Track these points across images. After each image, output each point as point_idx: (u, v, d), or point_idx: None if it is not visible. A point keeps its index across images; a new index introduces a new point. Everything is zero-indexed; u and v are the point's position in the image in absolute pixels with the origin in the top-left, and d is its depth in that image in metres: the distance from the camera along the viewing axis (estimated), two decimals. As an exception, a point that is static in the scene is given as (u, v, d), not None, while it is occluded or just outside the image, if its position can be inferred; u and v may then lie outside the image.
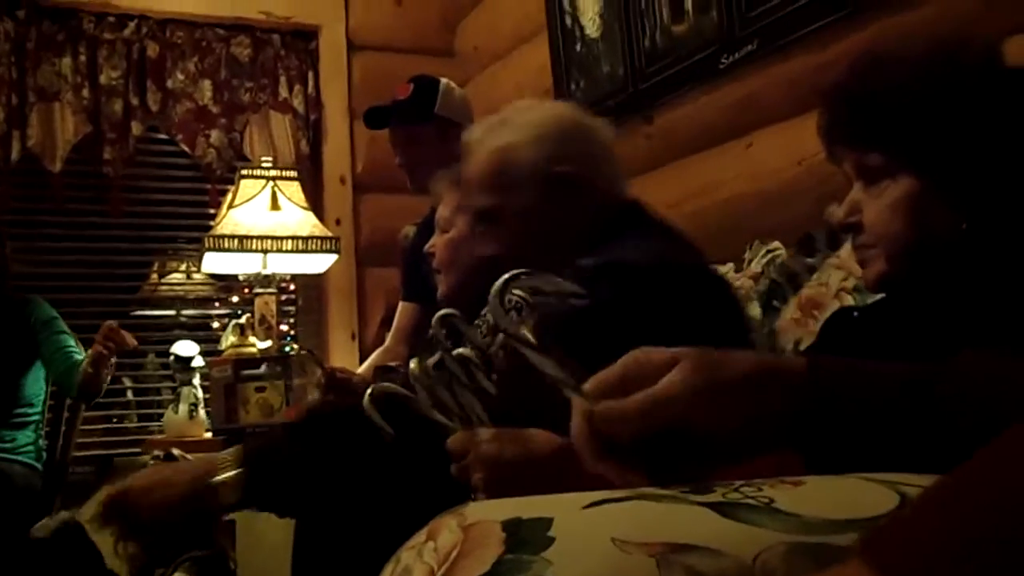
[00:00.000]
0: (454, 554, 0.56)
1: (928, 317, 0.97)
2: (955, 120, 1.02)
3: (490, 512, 0.59)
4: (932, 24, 1.93)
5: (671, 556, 0.54)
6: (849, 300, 1.63)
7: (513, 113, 1.64)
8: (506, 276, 0.79)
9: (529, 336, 0.79)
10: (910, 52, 1.08)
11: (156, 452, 2.83)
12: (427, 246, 2.13)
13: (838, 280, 1.68)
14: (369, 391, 1.04)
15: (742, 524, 0.57)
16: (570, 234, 1.55)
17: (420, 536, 0.60)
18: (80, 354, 3.00)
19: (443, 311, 1.17)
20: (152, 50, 3.65)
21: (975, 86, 1.02)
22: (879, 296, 1.15)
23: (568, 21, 3.24)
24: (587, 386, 0.71)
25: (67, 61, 3.53)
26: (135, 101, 3.61)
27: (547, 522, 0.57)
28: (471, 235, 2.00)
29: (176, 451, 2.80)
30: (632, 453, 0.69)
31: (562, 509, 0.59)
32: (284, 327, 3.51)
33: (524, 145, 1.56)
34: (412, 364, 1.15)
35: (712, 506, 0.59)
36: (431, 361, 1.08)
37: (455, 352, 1.06)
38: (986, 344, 0.74)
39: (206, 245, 3.18)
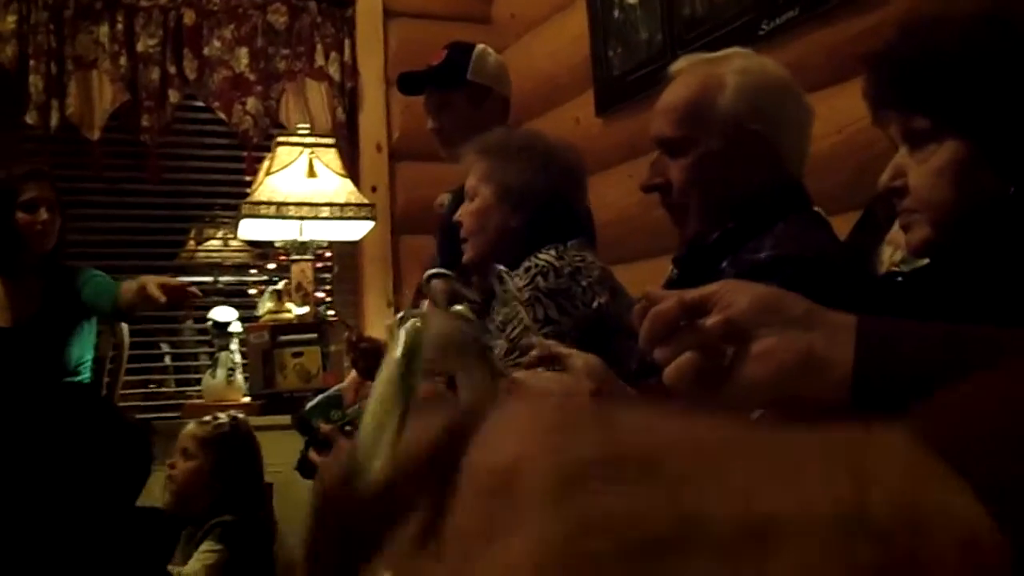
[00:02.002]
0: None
1: (972, 282, 0.96)
2: (1003, 83, 1.01)
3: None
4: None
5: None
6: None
7: (729, 56, 1.63)
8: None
9: None
10: (957, 14, 1.06)
11: (213, 415, 2.86)
12: (456, 215, 2.14)
13: (888, 255, 1.66)
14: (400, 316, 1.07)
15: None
16: (734, 192, 1.53)
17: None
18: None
19: (432, 270, 1.19)
20: (188, 18, 3.66)
21: (1016, 49, 1.01)
22: (924, 261, 1.14)
23: (606, -13, 3.21)
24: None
25: (104, 29, 3.55)
26: (172, 69, 3.63)
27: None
28: (496, 204, 2.01)
29: (223, 415, 2.83)
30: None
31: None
32: (320, 294, 3.53)
33: (728, 90, 1.54)
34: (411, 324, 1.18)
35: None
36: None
37: (452, 308, 1.08)
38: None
39: (243, 212, 3.19)
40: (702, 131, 1.54)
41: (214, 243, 3.92)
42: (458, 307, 1.14)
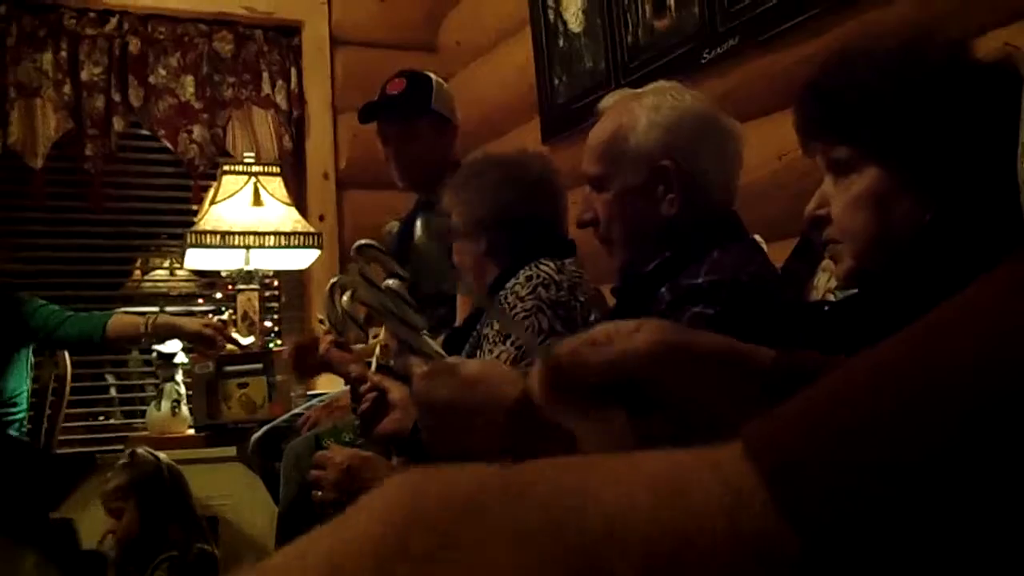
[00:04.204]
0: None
1: (893, 310, 0.98)
2: (919, 114, 1.03)
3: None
4: (910, 20, 1.94)
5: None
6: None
7: (649, 92, 1.67)
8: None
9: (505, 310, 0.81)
10: (878, 48, 1.09)
11: (135, 448, 2.85)
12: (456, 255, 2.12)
13: (824, 281, 1.68)
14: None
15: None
16: (653, 226, 1.58)
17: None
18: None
19: (361, 241, 1.17)
20: (134, 46, 3.64)
21: (938, 81, 1.04)
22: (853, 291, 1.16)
23: (551, 16, 3.24)
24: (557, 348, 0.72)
25: (48, 57, 3.51)
26: (117, 97, 3.60)
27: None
28: (464, 237, 2.02)
29: (140, 449, 2.82)
30: (589, 399, 0.69)
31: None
32: (268, 323, 3.51)
33: (641, 128, 1.59)
34: (344, 299, 1.15)
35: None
36: (361, 296, 1.07)
37: (384, 284, 1.06)
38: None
39: (188, 241, 3.17)
40: (618, 167, 1.59)
41: (160, 273, 3.88)
42: (389, 282, 1.12)
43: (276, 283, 3.76)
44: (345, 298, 1.26)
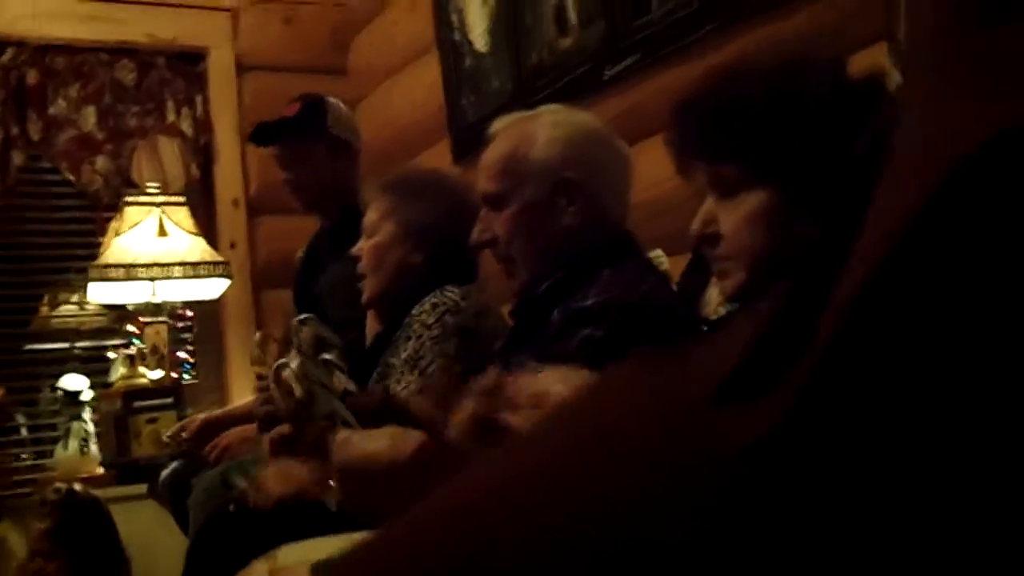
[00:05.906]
0: (257, 603, 0.54)
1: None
2: (801, 131, 1.04)
3: (301, 555, 0.57)
4: (801, 34, 1.97)
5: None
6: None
7: (542, 113, 1.68)
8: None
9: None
10: (759, 67, 1.09)
11: (57, 485, 2.75)
12: (354, 249, 2.11)
13: (716, 296, 1.69)
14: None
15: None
16: (556, 240, 1.58)
17: (231, 584, 0.58)
18: None
19: (301, 316, 1.17)
20: (32, 77, 3.54)
21: (817, 98, 1.04)
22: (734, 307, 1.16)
23: (457, 37, 3.24)
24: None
25: (-59, 90, 3.42)
26: (15, 130, 3.50)
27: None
28: (397, 241, 2.01)
29: (78, 486, 2.73)
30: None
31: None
32: (183, 355, 3.44)
33: (542, 142, 1.60)
34: (286, 372, 1.16)
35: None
36: (295, 366, 1.08)
37: (319, 357, 1.06)
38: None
39: (91, 275, 3.09)
40: (518, 183, 1.60)
41: (69, 308, 3.77)
42: (326, 355, 1.14)
43: (191, 313, 3.68)
44: (288, 372, 1.25)
